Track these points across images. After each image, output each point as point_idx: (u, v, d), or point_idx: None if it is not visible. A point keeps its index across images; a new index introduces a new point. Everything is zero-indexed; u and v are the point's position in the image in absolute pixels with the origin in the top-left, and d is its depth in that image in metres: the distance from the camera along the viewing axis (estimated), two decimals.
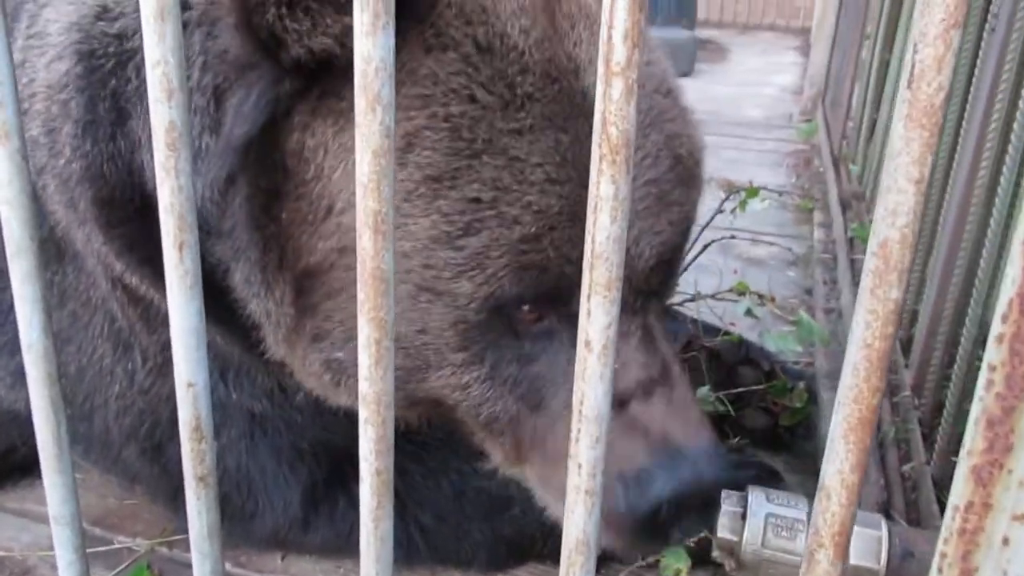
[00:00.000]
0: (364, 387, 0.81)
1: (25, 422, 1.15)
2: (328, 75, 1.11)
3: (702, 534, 1.29)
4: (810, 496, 1.77)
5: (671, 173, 1.22)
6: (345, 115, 1.11)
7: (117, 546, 1.58)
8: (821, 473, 0.73)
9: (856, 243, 3.01)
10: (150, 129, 1.22)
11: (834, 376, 2.26)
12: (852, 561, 1.27)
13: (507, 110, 1.12)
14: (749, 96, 6.54)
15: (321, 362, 1.25)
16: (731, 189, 2.27)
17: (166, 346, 1.34)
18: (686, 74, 7.16)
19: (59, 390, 0.98)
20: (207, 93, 1.18)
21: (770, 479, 1.75)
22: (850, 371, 0.68)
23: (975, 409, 0.62)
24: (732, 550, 1.36)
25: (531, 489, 1.34)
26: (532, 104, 1.13)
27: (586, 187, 1.09)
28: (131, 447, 1.50)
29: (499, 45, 1.13)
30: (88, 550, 1.51)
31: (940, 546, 0.66)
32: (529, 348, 1.21)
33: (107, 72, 1.26)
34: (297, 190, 1.15)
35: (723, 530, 1.36)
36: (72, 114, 1.28)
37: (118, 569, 1.52)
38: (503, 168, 1.11)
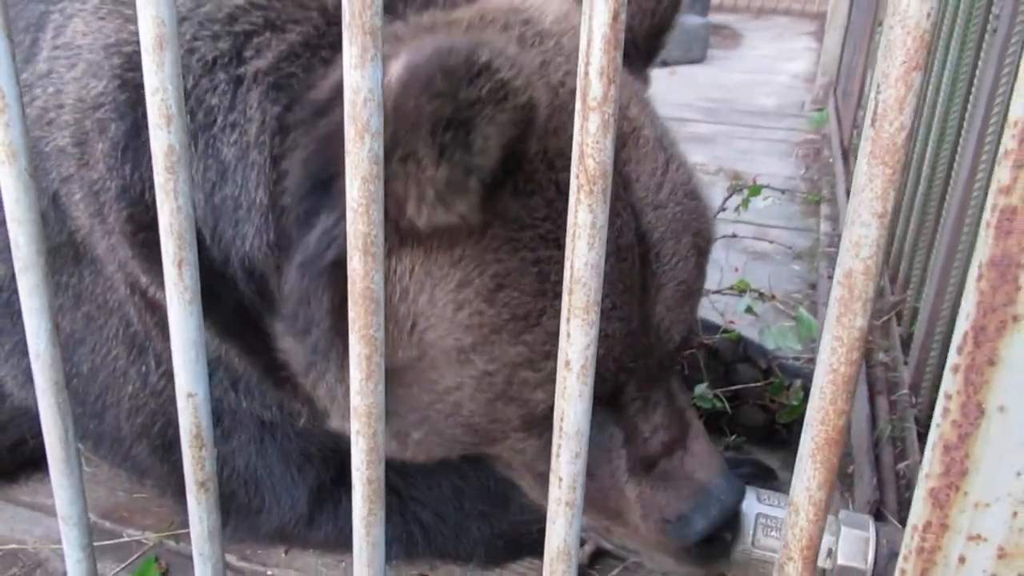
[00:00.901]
0: (356, 400, 0.84)
1: (35, 418, 1.19)
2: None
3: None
4: None
5: (695, 268, 1.31)
6: (426, 244, 1.15)
7: (126, 539, 1.62)
8: (791, 489, 0.75)
9: None
10: (206, 171, 1.27)
11: None
12: (840, 561, 1.29)
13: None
14: (761, 83, 6.51)
15: (390, 433, 1.31)
16: (735, 187, 2.27)
17: None
18: (698, 61, 7.13)
19: (66, 396, 1.01)
20: (264, 151, 1.23)
21: (765, 476, 1.78)
22: (817, 394, 0.71)
23: (932, 435, 0.65)
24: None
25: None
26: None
27: (641, 308, 1.23)
28: (142, 444, 1.54)
29: None
30: (98, 543, 1.57)
31: (900, 563, 0.69)
32: None
33: None
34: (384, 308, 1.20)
35: None
36: (110, 135, 1.31)
37: (127, 562, 1.57)
38: None
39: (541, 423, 1.26)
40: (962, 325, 0.61)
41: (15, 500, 1.73)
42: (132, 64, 1.32)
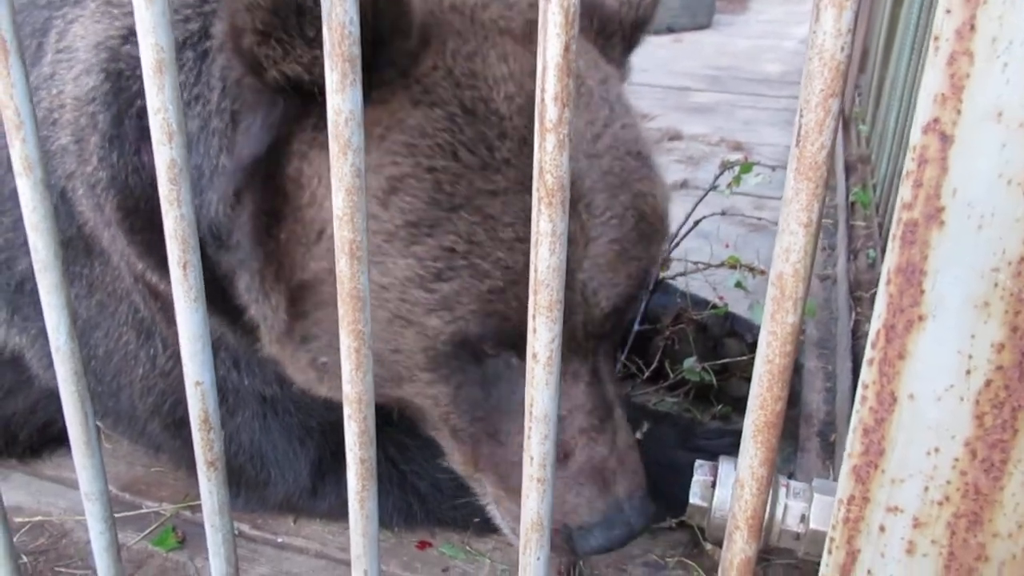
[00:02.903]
0: (347, 388, 0.93)
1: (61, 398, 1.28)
2: (320, 107, 1.20)
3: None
4: (786, 462, 1.89)
5: (634, 231, 1.28)
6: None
7: (145, 510, 1.73)
8: (737, 468, 0.84)
9: (857, 208, 3.05)
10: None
11: (823, 344, 2.35)
12: (812, 526, 1.37)
13: (485, 171, 1.20)
14: (768, 49, 6.49)
15: (308, 361, 1.36)
16: (726, 164, 2.33)
17: None
18: (705, 26, 7.10)
19: (85, 384, 1.10)
20: (225, 116, 1.28)
21: None
22: (756, 381, 0.79)
23: (854, 419, 0.73)
24: (703, 516, 1.49)
25: (481, 495, 1.46)
26: (508, 168, 1.21)
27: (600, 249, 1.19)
28: (154, 422, 1.64)
29: (483, 109, 1.21)
30: (119, 515, 1.67)
31: (829, 532, 0.78)
32: (491, 376, 1.30)
33: (133, 92, 1.37)
34: (294, 213, 1.25)
35: (694, 497, 1.46)
36: (99, 126, 1.38)
37: (146, 531, 1.67)
38: (477, 224, 1.19)
39: (447, 363, 1.25)
40: (875, 324, 0.69)
41: (41, 475, 1.83)
42: (115, 56, 1.38)
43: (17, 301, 1.62)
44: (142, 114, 1.37)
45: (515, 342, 1.23)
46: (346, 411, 0.94)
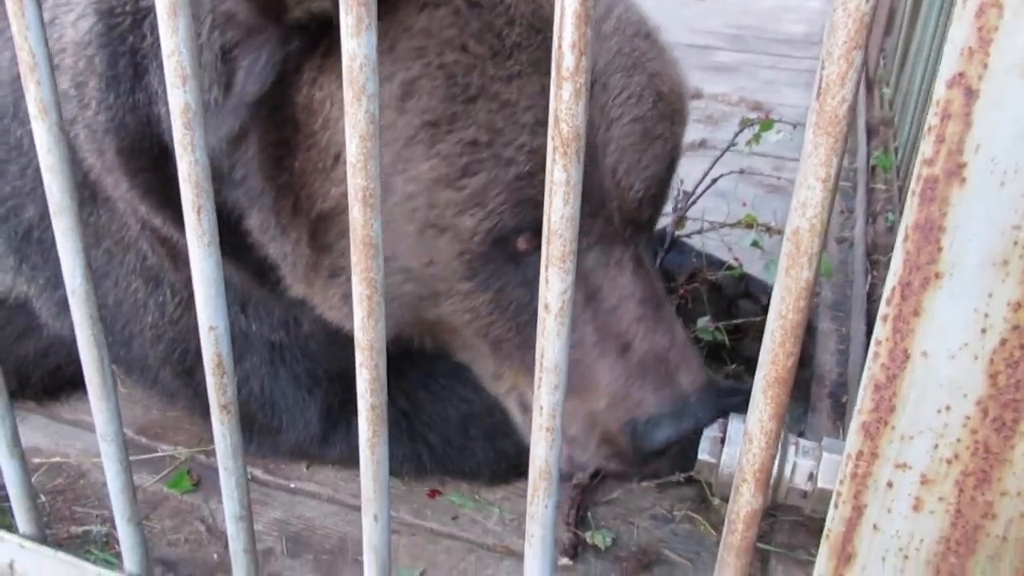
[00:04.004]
0: (359, 336, 0.93)
1: (70, 345, 1.28)
2: (331, 31, 1.19)
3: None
4: (797, 422, 1.89)
5: (654, 110, 1.29)
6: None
7: (160, 454, 1.75)
8: (746, 422, 0.84)
9: (877, 171, 3.01)
10: (165, 82, 1.32)
11: (838, 306, 2.34)
12: (820, 484, 1.38)
13: (497, 58, 1.20)
14: (792, 9, 6.37)
15: (341, 296, 1.36)
16: (746, 122, 2.30)
17: (190, 282, 1.51)
18: None
19: (100, 328, 1.11)
20: (215, 50, 1.26)
21: None
22: (769, 337, 0.78)
23: (865, 376, 0.72)
24: (711, 472, 1.49)
25: (513, 411, 1.46)
26: (519, 52, 1.21)
27: (588, 141, 1.18)
28: (166, 370, 1.65)
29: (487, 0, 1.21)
30: (135, 457, 1.70)
31: (836, 487, 0.78)
32: (531, 276, 1.30)
33: (125, 29, 1.35)
34: (307, 140, 1.24)
35: (703, 453, 1.47)
36: (96, 69, 1.37)
37: (162, 474, 1.70)
38: (496, 112, 1.20)
39: (485, 268, 1.25)
40: (891, 280, 0.68)
41: (58, 418, 1.86)
42: None
43: (24, 250, 1.63)
44: (134, 52, 1.36)
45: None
46: (358, 358, 0.94)
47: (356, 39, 0.78)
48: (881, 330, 0.70)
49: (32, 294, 1.71)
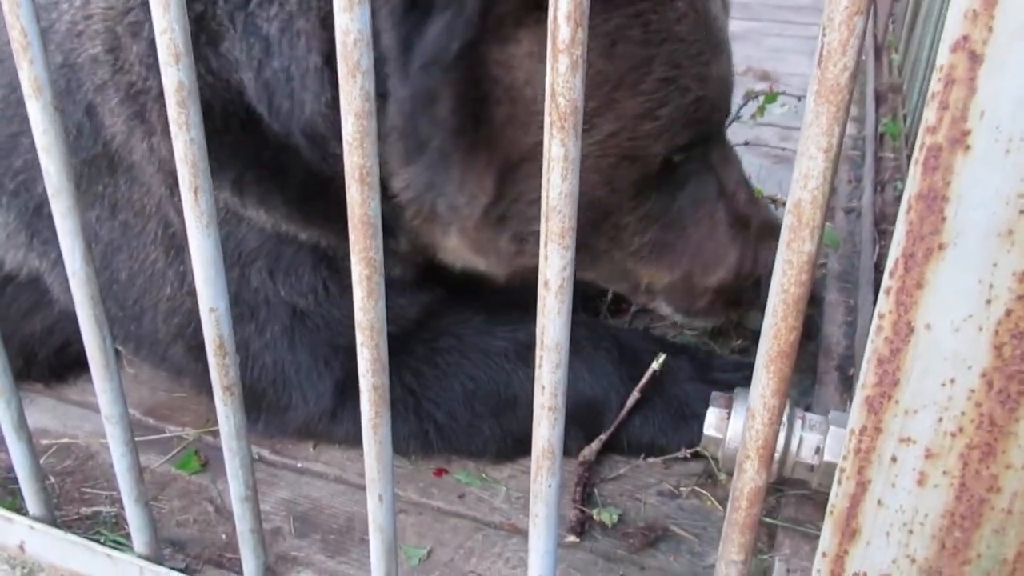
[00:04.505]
0: (359, 316, 0.93)
1: (79, 323, 1.28)
2: None
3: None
4: (804, 395, 1.88)
5: (726, 16, 1.52)
6: (543, 24, 1.22)
7: (168, 434, 1.76)
8: (749, 398, 0.83)
9: (886, 140, 2.98)
10: (249, 49, 1.33)
11: (844, 278, 2.32)
12: (826, 458, 1.38)
13: (670, 2, 1.37)
14: None
15: (509, 237, 1.47)
16: (750, 94, 2.27)
17: None
18: None
19: (102, 309, 1.11)
20: (311, 17, 1.32)
21: None
22: (771, 312, 0.78)
23: (868, 349, 0.71)
24: (717, 447, 1.49)
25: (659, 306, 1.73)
26: None
27: (718, 46, 1.45)
28: (178, 345, 1.65)
29: None
30: (143, 438, 1.71)
31: (840, 462, 0.77)
32: (680, 181, 1.52)
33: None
34: (508, 94, 1.33)
35: (709, 428, 1.47)
36: (145, 35, 1.41)
37: (169, 455, 1.70)
38: (677, 49, 1.37)
39: (651, 183, 1.45)
40: (894, 253, 0.67)
41: (67, 399, 1.87)
42: None
43: (36, 224, 1.63)
44: (204, 18, 1.40)
45: (704, 142, 1.50)
46: (359, 338, 0.94)
47: (349, 14, 0.77)
48: (884, 303, 0.69)
49: (44, 269, 1.71)
